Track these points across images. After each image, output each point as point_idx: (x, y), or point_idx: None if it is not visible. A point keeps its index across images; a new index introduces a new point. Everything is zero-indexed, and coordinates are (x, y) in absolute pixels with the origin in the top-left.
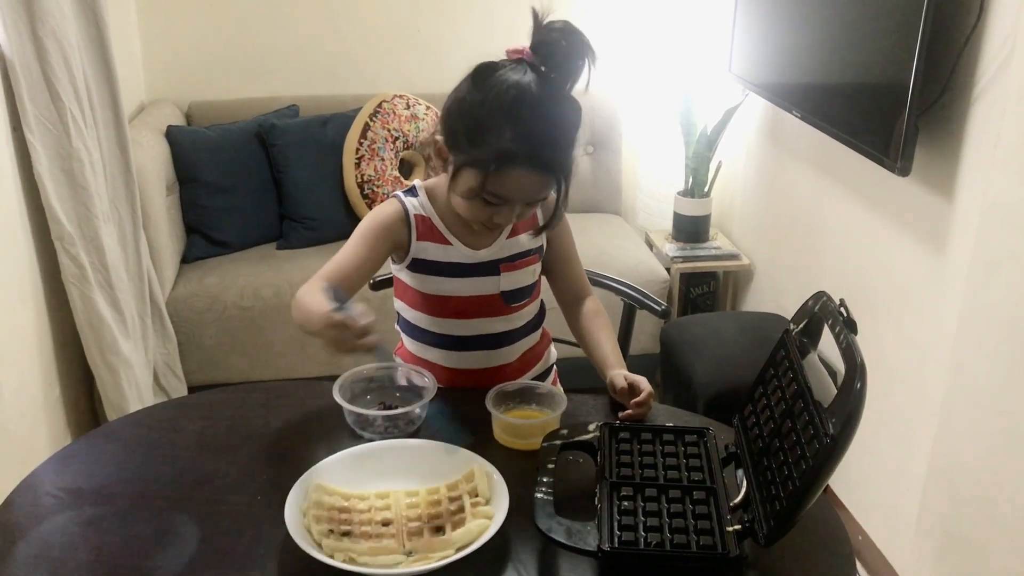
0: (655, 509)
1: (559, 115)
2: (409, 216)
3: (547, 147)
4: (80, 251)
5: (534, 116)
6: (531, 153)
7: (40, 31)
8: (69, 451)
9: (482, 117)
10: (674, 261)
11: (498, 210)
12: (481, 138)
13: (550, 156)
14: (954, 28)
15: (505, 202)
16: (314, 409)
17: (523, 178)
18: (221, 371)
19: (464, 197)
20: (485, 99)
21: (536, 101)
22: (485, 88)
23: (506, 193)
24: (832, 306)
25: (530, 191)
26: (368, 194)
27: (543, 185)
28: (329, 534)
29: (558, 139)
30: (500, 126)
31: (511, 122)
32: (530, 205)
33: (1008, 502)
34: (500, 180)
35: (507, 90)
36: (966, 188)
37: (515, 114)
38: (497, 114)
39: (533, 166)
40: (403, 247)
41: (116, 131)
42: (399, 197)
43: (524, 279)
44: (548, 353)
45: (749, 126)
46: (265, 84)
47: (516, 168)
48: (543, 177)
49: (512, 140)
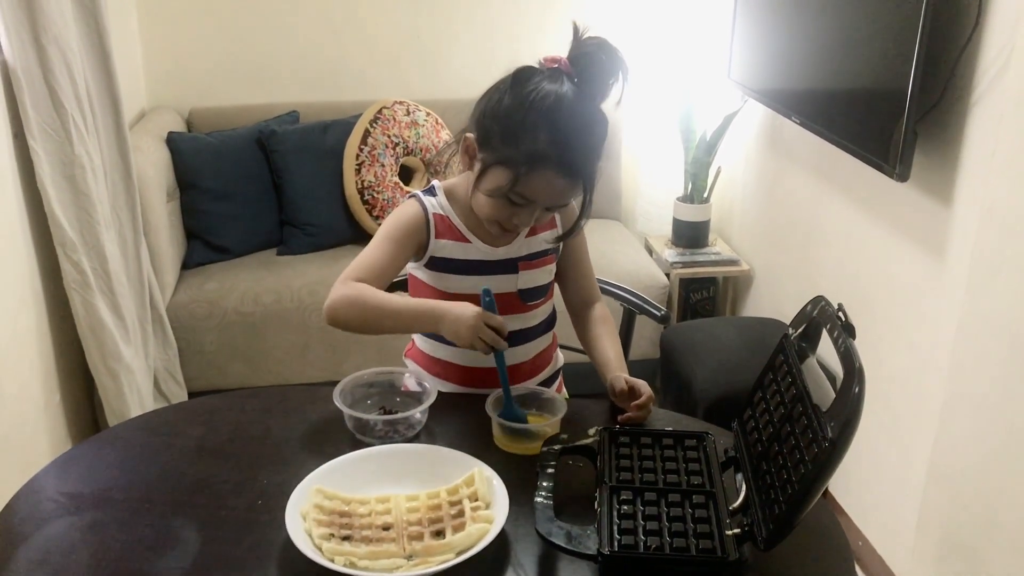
0: (655, 513)
1: (591, 124)
2: (428, 215)
3: (578, 153)
4: (82, 257)
5: (569, 122)
6: (562, 157)
7: (42, 38)
8: (70, 456)
9: (519, 119)
10: (673, 266)
11: (520, 212)
12: (515, 138)
13: (580, 162)
14: (952, 34)
15: (529, 203)
16: (314, 414)
17: (552, 181)
18: (221, 377)
19: (490, 195)
20: (523, 102)
21: (571, 108)
22: (524, 92)
23: (532, 194)
24: (831, 310)
25: (556, 195)
26: (368, 200)
27: (569, 190)
28: (330, 538)
29: (588, 147)
30: (536, 129)
31: (547, 126)
32: (550, 210)
33: (1007, 507)
34: (529, 181)
35: (546, 95)
36: (964, 193)
37: (552, 119)
38: (534, 116)
39: (562, 170)
40: (423, 247)
41: (117, 137)
42: (418, 197)
43: (541, 278)
44: (556, 357)
45: (748, 132)
46: (266, 91)
47: (547, 170)
48: (570, 182)
49: (547, 143)
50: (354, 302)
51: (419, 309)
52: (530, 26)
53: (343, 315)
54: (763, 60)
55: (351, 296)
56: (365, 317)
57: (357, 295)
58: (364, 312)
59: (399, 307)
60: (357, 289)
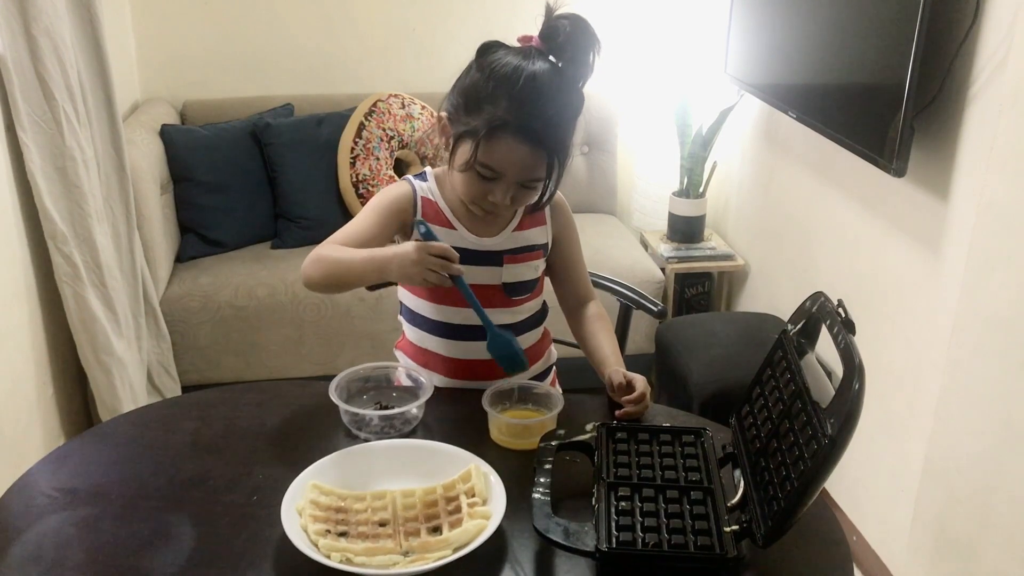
0: (652, 509)
1: (556, 93)
2: (417, 197)
3: (539, 120)
4: (73, 250)
5: (530, 88)
6: (522, 123)
7: (33, 29)
8: (63, 451)
9: (480, 87)
10: (669, 261)
11: (493, 188)
12: (477, 108)
13: (542, 129)
14: (950, 29)
15: (498, 176)
16: (310, 409)
17: (513, 148)
18: (215, 371)
19: (461, 171)
20: (486, 72)
21: (534, 77)
22: (486, 63)
23: (497, 164)
24: (830, 307)
25: (521, 164)
26: (363, 193)
27: (534, 160)
28: (326, 534)
29: (552, 115)
30: (497, 96)
31: (507, 92)
32: (526, 187)
33: (1003, 502)
34: (491, 148)
35: (507, 65)
36: (961, 189)
37: (511, 85)
38: (494, 84)
39: (524, 136)
40: (409, 228)
41: (110, 130)
42: (409, 179)
43: (526, 273)
44: (548, 352)
45: (744, 127)
46: (260, 83)
47: (506, 136)
48: (533, 150)
49: (506, 109)
50: (319, 259)
51: (368, 257)
52: (525, 17)
53: (310, 272)
54: (760, 54)
55: (318, 254)
56: (327, 272)
57: (322, 253)
58: (327, 267)
59: (354, 259)
60: (325, 248)
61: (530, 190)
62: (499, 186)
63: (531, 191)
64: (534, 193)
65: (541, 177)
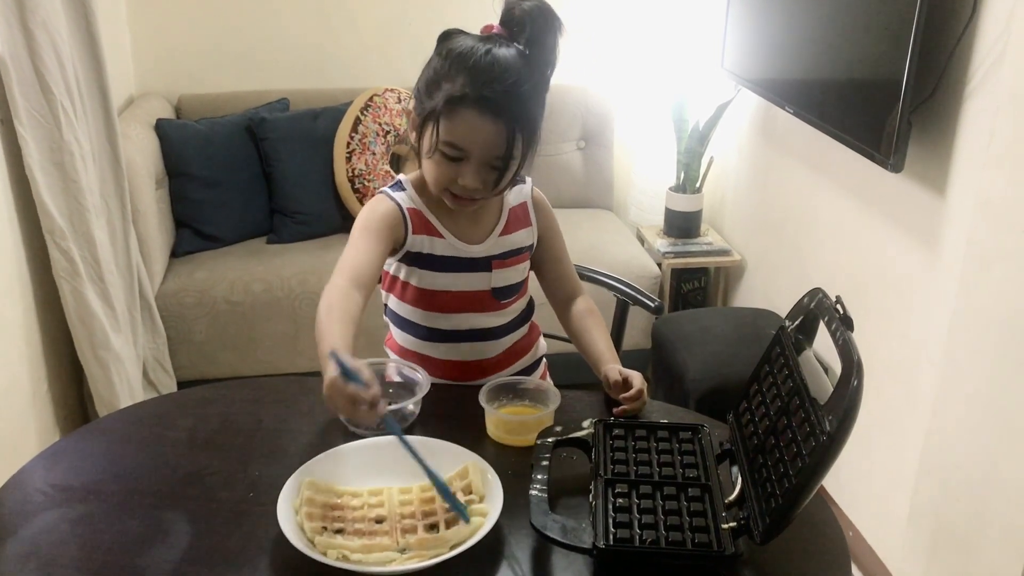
0: (650, 506)
1: (516, 69)
2: (403, 211)
3: (497, 91)
4: (71, 245)
5: (487, 64)
6: (480, 96)
7: (30, 22)
8: (58, 447)
9: (438, 70)
10: (665, 257)
11: (460, 169)
12: (437, 88)
13: (502, 101)
14: (948, 24)
15: (464, 155)
16: (305, 405)
17: (473, 122)
18: (211, 366)
19: (427, 156)
20: (442, 55)
21: (492, 54)
22: (445, 48)
23: (460, 140)
24: (828, 303)
25: (483, 140)
26: (359, 188)
27: (496, 134)
28: (322, 531)
29: (512, 88)
30: (454, 75)
31: (464, 70)
32: (494, 167)
33: (999, 497)
34: (452, 125)
35: (464, 44)
36: (959, 185)
37: (468, 62)
38: (450, 63)
39: (483, 108)
40: (400, 242)
41: (105, 124)
42: (387, 193)
43: (514, 276)
44: (536, 346)
45: (741, 122)
46: (255, 78)
47: (465, 109)
48: (494, 124)
49: (463, 84)
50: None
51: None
52: None
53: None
54: (757, 49)
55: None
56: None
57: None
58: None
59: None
60: (328, 301)
61: (499, 171)
62: (467, 167)
63: (500, 172)
64: (504, 175)
65: (506, 154)
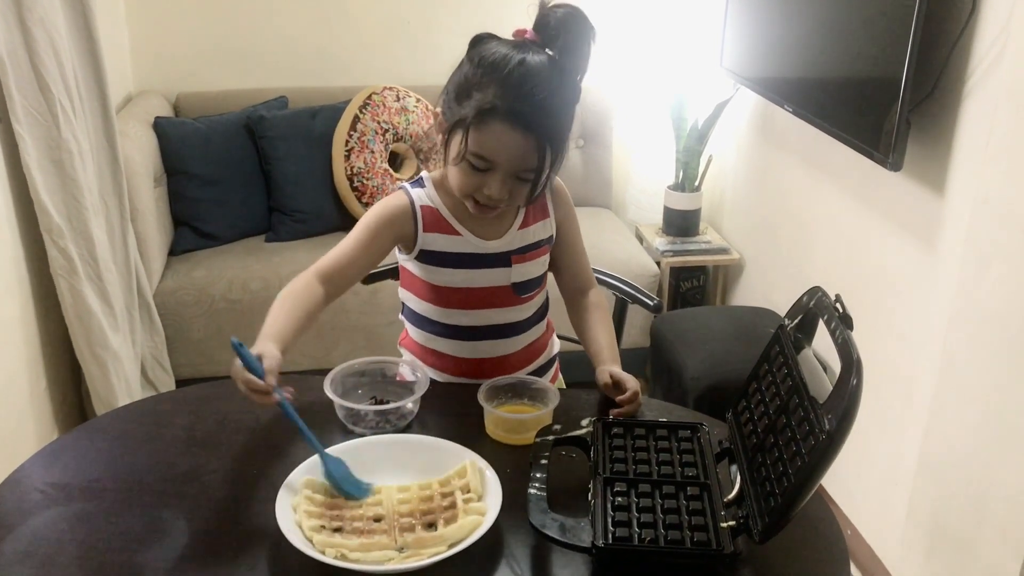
0: (649, 505)
1: (548, 79)
2: (415, 207)
3: (529, 105)
4: (69, 243)
5: (519, 73)
6: (511, 108)
7: (28, 20)
8: (57, 446)
9: (470, 77)
10: (664, 255)
11: (486, 179)
12: (467, 96)
13: (533, 115)
14: (947, 23)
15: (491, 166)
16: (304, 403)
17: (503, 135)
18: (209, 364)
19: (453, 163)
20: (474, 62)
21: (525, 65)
22: (478, 54)
23: (488, 152)
24: (827, 301)
25: (512, 152)
26: (357, 187)
27: (525, 147)
28: (320, 530)
29: (543, 100)
30: (487, 84)
31: (497, 80)
32: (521, 179)
33: (997, 496)
34: (481, 135)
35: (496, 52)
36: (957, 184)
37: (501, 72)
38: (483, 72)
39: (514, 121)
40: (410, 239)
41: (103, 122)
42: (405, 188)
43: (535, 270)
44: (551, 344)
45: (740, 120)
46: (254, 76)
47: (495, 122)
48: (524, 137)
49: (494, 95)
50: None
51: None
52: (518, 9)
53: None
54: (756, 48)
55: (280, 294)
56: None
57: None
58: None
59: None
60: (288, 289)
61: (525, 182)
62: (493, 178)
63: (527, 183)
64: (531, 187)
65: (535, 167)
